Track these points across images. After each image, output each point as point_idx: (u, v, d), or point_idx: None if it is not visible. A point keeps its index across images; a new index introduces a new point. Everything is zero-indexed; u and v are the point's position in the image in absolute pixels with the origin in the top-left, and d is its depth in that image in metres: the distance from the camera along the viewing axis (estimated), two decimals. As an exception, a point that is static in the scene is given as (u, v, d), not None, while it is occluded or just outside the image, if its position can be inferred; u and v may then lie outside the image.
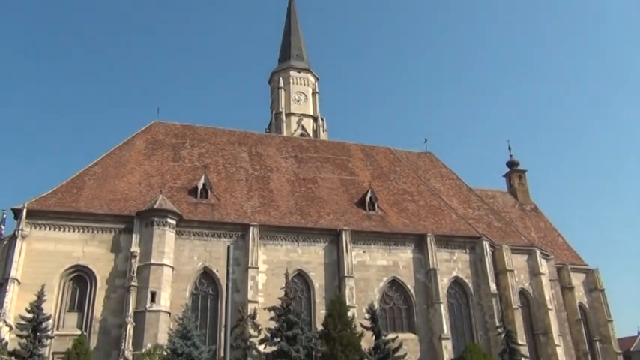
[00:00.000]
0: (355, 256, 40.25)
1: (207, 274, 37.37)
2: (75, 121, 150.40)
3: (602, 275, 52.12)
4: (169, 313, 34.18)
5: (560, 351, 42.72)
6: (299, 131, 68.10)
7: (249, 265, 37.32)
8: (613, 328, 50.25)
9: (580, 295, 50.39)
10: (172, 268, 35.83)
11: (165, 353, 28.43)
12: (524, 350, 39.20)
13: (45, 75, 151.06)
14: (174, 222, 36.96)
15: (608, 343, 49.20)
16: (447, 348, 38.55)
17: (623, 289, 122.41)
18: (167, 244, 36.10)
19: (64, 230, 35.75)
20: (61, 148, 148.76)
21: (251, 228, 38.49)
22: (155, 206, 36.74)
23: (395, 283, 41.13)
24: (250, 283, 36.81)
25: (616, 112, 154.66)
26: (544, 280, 44.92)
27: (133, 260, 35.07)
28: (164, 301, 34.46)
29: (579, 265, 52.53)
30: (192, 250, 37.50)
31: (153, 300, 34.09)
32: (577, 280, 50.80)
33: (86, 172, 40.29)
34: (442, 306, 39.97)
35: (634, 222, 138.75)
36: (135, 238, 36.01)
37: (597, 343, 49.02)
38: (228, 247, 27.57)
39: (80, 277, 35.22)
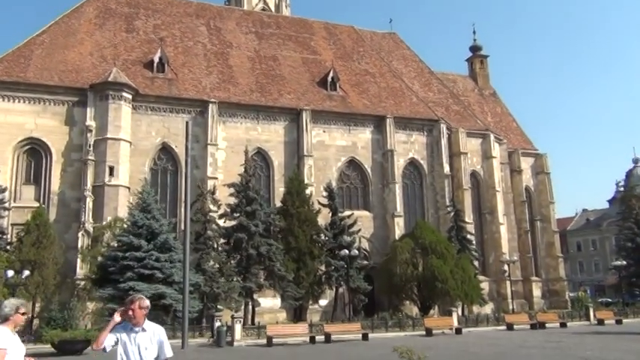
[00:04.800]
0: (315, 135, 40.51)
1: (165, 150, 37.17)
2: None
3: (550, 160, 54.48)
4: (129, 188, 34.26)
5: (503, 229, 45.67)
6: (260, 5, 64.95)
7: (209, 141, 37.16)
8: (554, 210, 53.42)
9: (527, 178, 52.74)
10: (130, 143, 35.36)
11: (125, 226, 28.94)
12: (470, 228, 41.76)
13: None
14: (129, 96, 35.86)
15: (548, 223, 52.52)
16: (399, 225, 40.54)
17: (568, 173, 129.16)
18: (123, 118, 35.29)
19: (14, 101, 34.29)
20: (1, 14, 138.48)
21: (210, 104, 37.83)
22: (109, 79, 35.38)
23: (353, 163, 42.03)
24: (210, 159, 36.92)
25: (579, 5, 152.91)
26: (495, 163, 46.75)
27: (88, 134, 34.29)
28: (123, 175, 34.38)
29: (529, 150, 54.47)
30: (149, 125, 36.87)
31: (111, 174, 33.95)
32: (526, 164, 52.89)
33: (33, 41, 37.93)
34: (397, 186, 41.42)
35: (582, 110, 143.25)
36: (89, 111, 34.94)
37: (538, 222, 52.25)
38: (187, 123, 27.41)
39: (34, 150, 34.51)
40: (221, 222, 32.25)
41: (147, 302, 5.59)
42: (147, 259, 26.18)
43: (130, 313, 5.43)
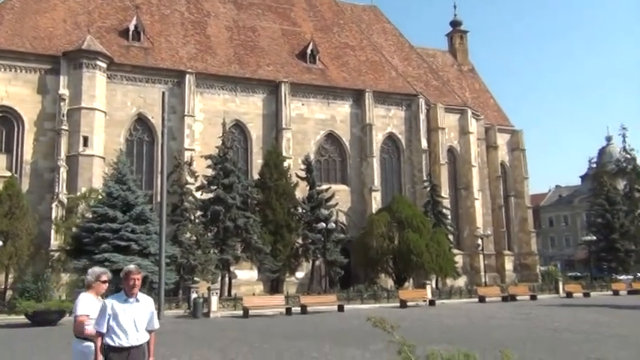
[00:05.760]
0: (294, 108, 40.26)
1: (141, 121, 36.62)
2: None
3: (525, 136, 55.13)
4: (103, 159, 33.77)
5: (478, 204, 46.33)
6: (239, -27, 63.51)
7: (186, 113, 36.69)
8: (528, 185, 54.29)
9: (503, 154, 53.35)
10: (105, 113, 34.72)
11: (100, 197, 28.60)
12: (446, 202, 42.25)
13: None
14: (104, 65, 35.07)
15: (522, 198, 53.39)
16: (376, 199, 40.82)
17: (542, 150, 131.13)
18: (98, 87, 34.57)
19: (-17, 68, 33.34)
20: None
21: (187, 75, 37.23)
22: (83, 47, 34.52)
23: (331, 137, 41.99)
24: (187, 131, 36.52)
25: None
26: (472, 139, 47.14)
27: (62, 103, 33.58)
28: (97, 145, 33.84)
29: (506, 126, 55.00)
30: (125, 95, 36.20)
31: (85, 144, 33.38)
32: (502, 140, 53.43)
33: (3, 6, 36.70)
34: (375, 160, 41.58)
35: (557, 88, 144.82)
36: (63, 80, 34.13)
37: (512, 198, 53.09)
38: (164, 94, 26.93)
39: (6, 119, 33.71)
40: (198, 194, 32.09)
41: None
42: (122, 230, 25.97)
43: (136, 282, 5.46)
